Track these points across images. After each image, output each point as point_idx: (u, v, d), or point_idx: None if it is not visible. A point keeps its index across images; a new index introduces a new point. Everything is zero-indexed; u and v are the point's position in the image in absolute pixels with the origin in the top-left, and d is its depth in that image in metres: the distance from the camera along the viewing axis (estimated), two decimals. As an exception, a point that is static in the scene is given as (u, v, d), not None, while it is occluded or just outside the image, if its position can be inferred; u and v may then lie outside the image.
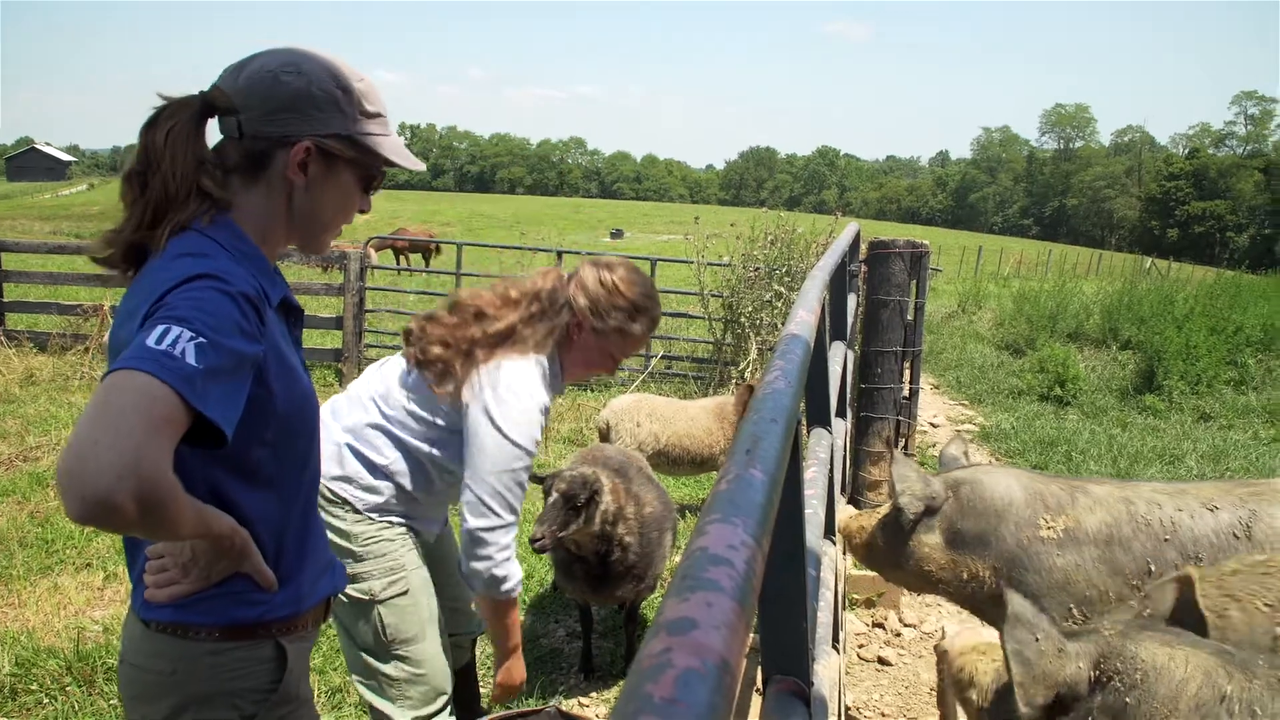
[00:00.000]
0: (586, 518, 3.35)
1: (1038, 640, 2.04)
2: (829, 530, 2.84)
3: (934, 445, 8.38)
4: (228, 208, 1.53)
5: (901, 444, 5.95)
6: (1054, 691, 2.00)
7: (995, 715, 2.23)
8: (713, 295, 9.89)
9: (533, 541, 3.24)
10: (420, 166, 1.79)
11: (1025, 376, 11.17)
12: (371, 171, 1.66)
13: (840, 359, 3.87)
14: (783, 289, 9.18)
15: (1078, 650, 2.05)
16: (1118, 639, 2.08)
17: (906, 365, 5.95)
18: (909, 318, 5.87)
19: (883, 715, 4.01)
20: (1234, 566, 2.63)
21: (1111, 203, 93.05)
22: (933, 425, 9.34)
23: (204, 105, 1.52)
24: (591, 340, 2.48)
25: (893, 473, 2.86)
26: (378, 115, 1.65)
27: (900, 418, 5.94)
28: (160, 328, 1.26)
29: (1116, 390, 10.85)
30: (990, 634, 2.65)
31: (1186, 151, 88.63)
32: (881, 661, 4.42)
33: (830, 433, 2.98)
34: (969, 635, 2.69)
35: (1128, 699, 1.93)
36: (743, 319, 9.46)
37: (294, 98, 1.53)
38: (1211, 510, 2.72)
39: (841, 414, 4.02)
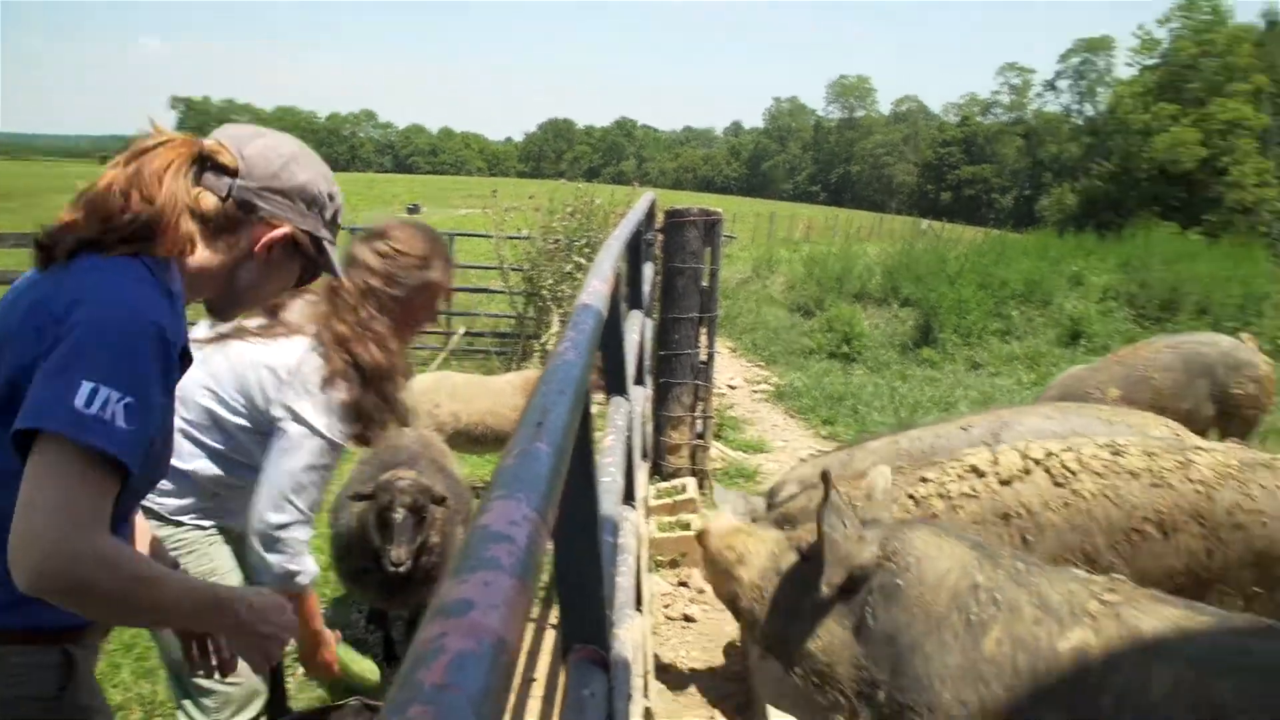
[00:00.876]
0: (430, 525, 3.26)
1: (846, 526, 2.21)
2: (629, 496, 2.90)
3: (731, 406, 8.69)
4: (190, 252, 1.54)
5: (701, 406, 6.14)
6: (848, 573, 2.18)
7: (776, 593, 2.33)
8: (513, 269, 9.82)
9: (395, 566, 3.13)
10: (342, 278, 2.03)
11: (815, 336, 11.77)
12: (312, 273, 1.75)
13: (638, 327, 3.94)
14: (583, 260, 9.23)
15: (872, 536, 2.24)
16: (899, 527, 2.26)
17: (703, 330, 6.13)
18: (704, 284, 6.04)
19: (689, 670, 4.16)
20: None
21: (891, 169, 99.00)
22: (730, 387, 9.69)
23: (202, 154, 1.56)
24: (399, 309, 2.42)
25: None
26: (338, 228, 1.77)
27: (699, 382, 6.13)
28: (88, 387, 1.28)
29: (898, 345, 11.61)
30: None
31: (957, 119, 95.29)
32: (687, 618, 4.58)
33: (629, 400, 3.03)
34: (728, 519, 2.77)
35: (899, 581, 2.11)
36: (544, 292, 9.45)
37: (296, 188, 1.63)
38: (965, 429, 3.02)
39: (641, 381, 4.10)
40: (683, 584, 4.91)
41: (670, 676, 4.10)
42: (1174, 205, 44.65)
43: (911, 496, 2.84)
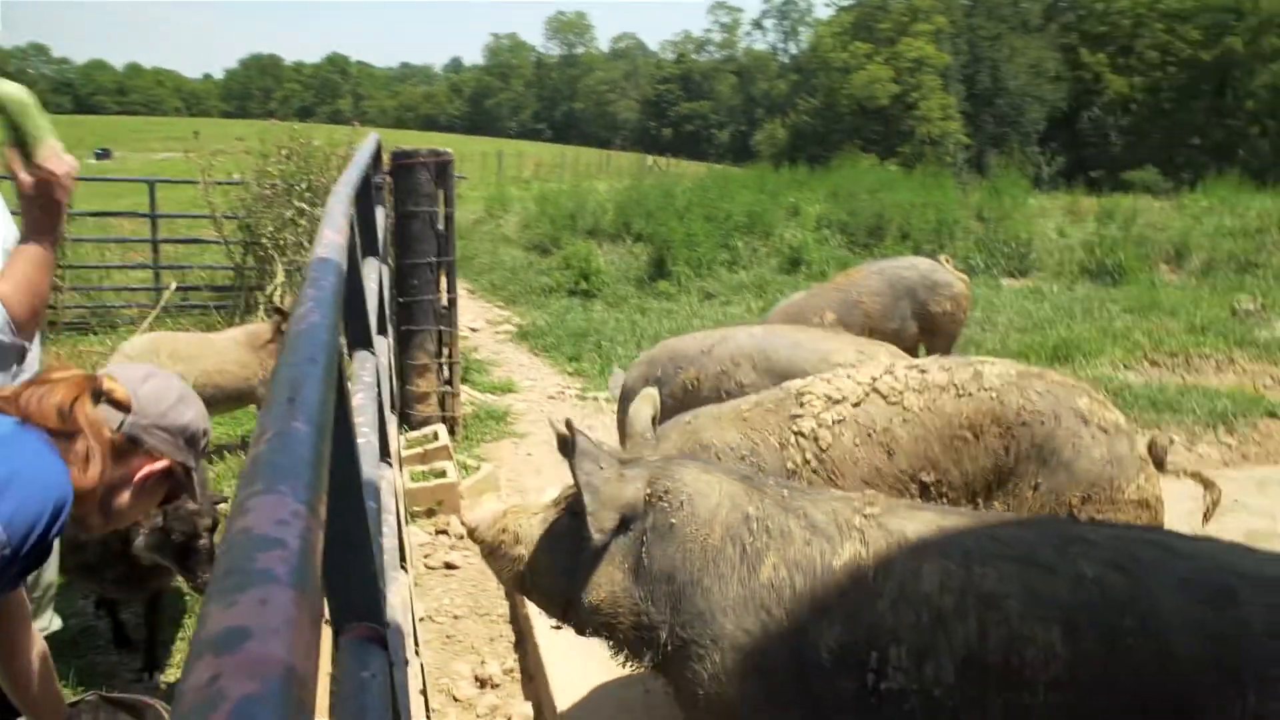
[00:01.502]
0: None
1: (602, 469, 2.19)
2: (384, 453, 2.76)
3: (475, 349, 8.57)
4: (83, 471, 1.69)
5: (446, 351, 5.98)
6: (619, 515, 2.16)
7: (553, 558, 2.29)
8: (227, 217, 9.08)
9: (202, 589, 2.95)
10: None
11: (553, 274, 11.79)
12: (172, 498, 1.92)
13: (375, 276, 3.74)
14: (305, 205, 8.66)
15: (635, 474, 2.23)
16: (665, 464, 2.29)
17: (442, 275, 5.95)
18: (440, 227, 5.84)
19: (455, 617, 4.10)
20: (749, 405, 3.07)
21: (614, 105, 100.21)
22: (472, 330, 9.54)
23: (98, 389, 1.74)
24: None
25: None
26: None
27: (442, 327, 5.96)
28: None
29: (634, 280, 11.88)
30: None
31: (674, 57, 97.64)
32: (449, 566, 4.50)
33: (374, 353, 2.88)
34: (488, 505, 2.71)
35: (673, 519, 2.14)
36: (264, 240, 8.81)
37: (180, 427, 1.81)
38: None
39: (383, 331, 3.91)
40: (441, 532, 4.81)
41: (437, 627, 4.03)
42: (873, 138, 48.49)
43: (799, 433, 2.97)
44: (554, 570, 2.30)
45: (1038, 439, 2.87)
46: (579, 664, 3.43)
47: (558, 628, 2.46)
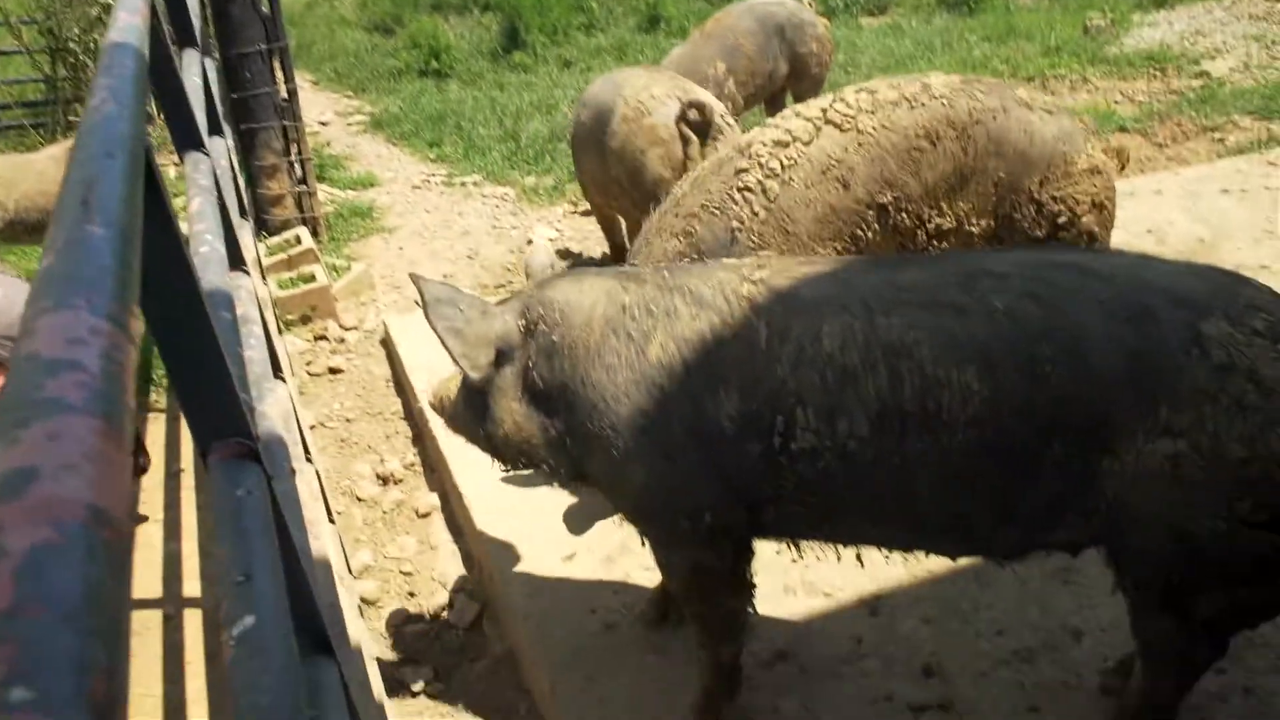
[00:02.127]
0: None
1: (462, 310, 2.13)
2: (236, 261, 2.58)
3: (328, 144, 8.07)
4: None
5: (295, 149, 5.59)
6: (492, 349, 2.13)
7: (468, 410, 2.29)
8: (24, 22, 8.07)
9: None
10: None
11: (401, 55, 11.02)
12: None
13: (197, 69, 3.37)
14: (111, 1, 7.74)
15: (505, 308, 2.18)
16: (535, 290, 2.23)
17: (276, 64, 5.46)
18: (264, 10, 5.30)
19: (347, 420, 4.06)
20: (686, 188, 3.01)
21: None
22: (322, 124, 8.95)
23: None
24: None
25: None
26: None
27: (285, 122, 5.54)
28: None
29: (488, 54, 11.20)
30: None
31: None
32: (333, 371, 4.41)
33: (208, 155, 2.63)
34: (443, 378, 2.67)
35: (554, 336, 2.10)
36: (72, 45, 7.90)
37: None
38: None
39: (218, 131, 3.59)
40: (320, 338, 4.68)
41: (330, 432, 3.98)
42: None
43: (745, 188, 2.95)
44: (470, 420, 2.29)
45: (993, 133, 3.00)
46: (479, 451, 3.46)
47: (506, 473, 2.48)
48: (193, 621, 2.68)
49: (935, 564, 2.72)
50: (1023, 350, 1.79)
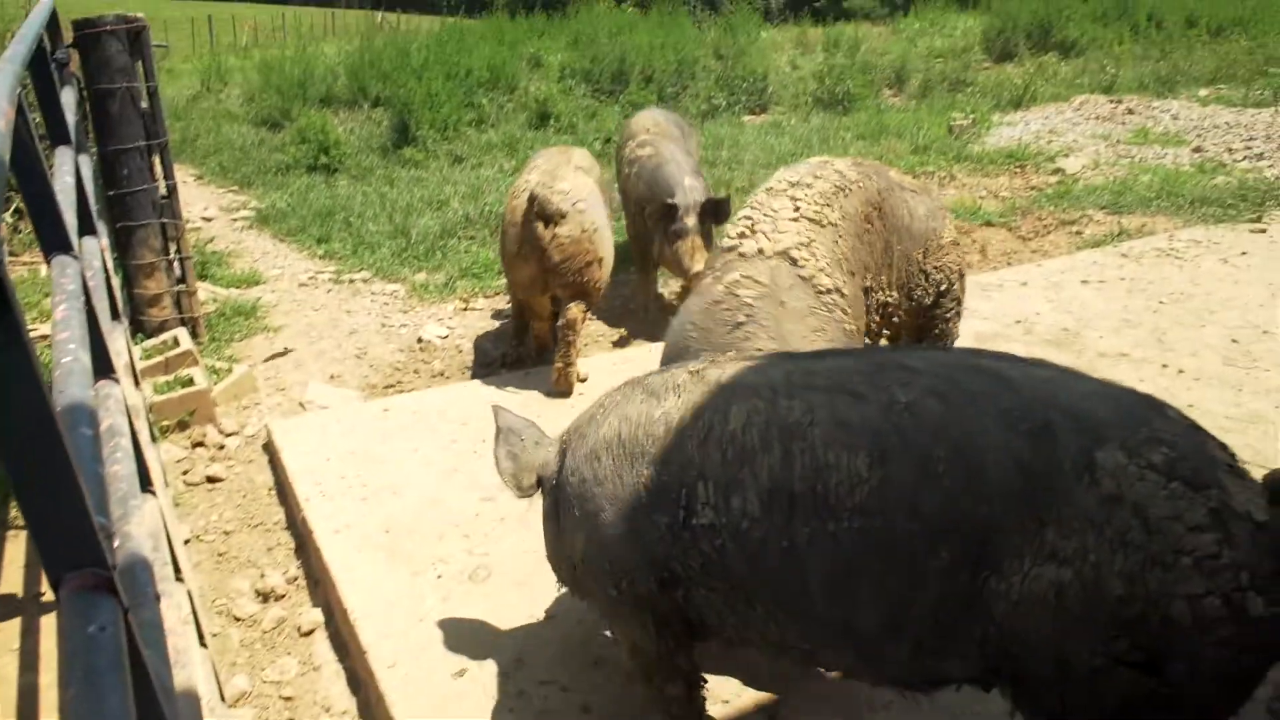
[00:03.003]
0: None
1: (523, 439, 2.46)
2: (105, 370, 2.46)
3: (211, 240, 7.88)
4: None
5: (174, 247, 5.43)
6: (535, 475, 2.40)
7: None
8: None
9: None
10: None
11: (289, 150, 10.93)
12: None
13: (70, 167, 3.26)
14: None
15: (550, 442, 2.45)
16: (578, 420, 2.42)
17: (156, 160, 5.34)
18: (144, 106, 5.20)
19: (225, 532, 3.86)
20: None
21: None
22: (205, 220, 8.74)
23: None
24: None
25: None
26: None
27: (164, 220, 5.39)
28: None
29: (378, 149, 11.20)
30: None
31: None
32: (211, 480, 4.20)
33: (77, 257, 2.52)
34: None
35: (574, 458, 2.32)
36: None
37: None
38: None
39: (90, 230, 3.45)
40: (199, 444, 4.47)
41: (207, 546, 3.78)
42: (607, -21, 47.28)
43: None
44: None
45: (891, 210, 3.35)
46: (364, 562, 3.33)
47: None
48: (48, 762, 2.47)
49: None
50: (916, 446, 1.82)
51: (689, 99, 13.10)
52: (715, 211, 5.26)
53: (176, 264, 5.46)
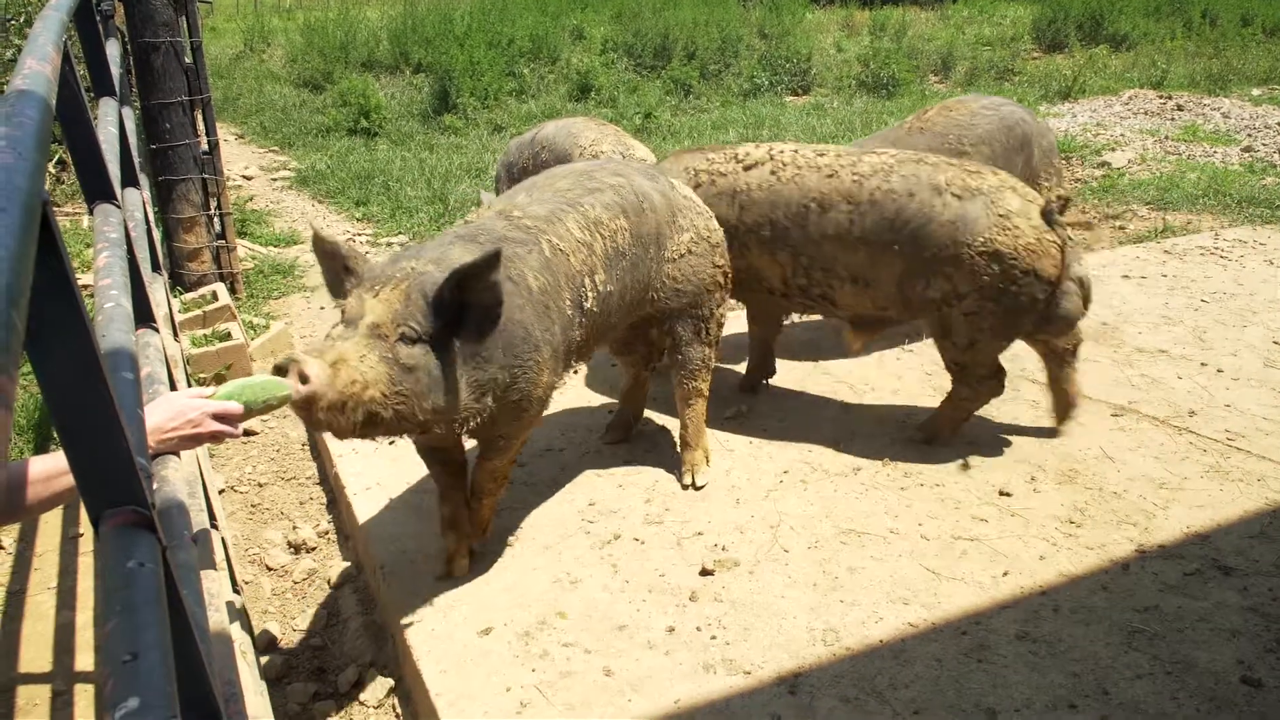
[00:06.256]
0: None
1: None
2: (145, 319, 2.50)
3: (251, 199, 7.95)
4: None
5: (214, 202, 5.49)
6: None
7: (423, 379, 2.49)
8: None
9: None
10: None
11: (330, 112, 10.98)
12: None
13: (114, 118, 3.29)
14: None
15: None
16: None
17: (198, 116, 5.38)
18: (188, 61, 5.23)
19: (259, 485, 3.92)
20: None
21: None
22: (246, 178, 8.83)
23: None
24: None
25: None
26: None
27: (205, 175, 5.44)
28: None
29: (418, 115, 11.23)
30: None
31: None
32: (247, 433, 4.26)
33: (120, 207, 2.55)
34: (309, 356, 2.36)
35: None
36: (-17, 86, 7.68)
37: None
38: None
39: (133, 182, 3.49)
40: (233, 399, 4.52)
41: (241, 497, 3.84)
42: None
43: (688, 168, 3.86)
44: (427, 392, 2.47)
45: (888, 213, 3.47)
46: (393, 520, 3.37)
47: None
48: (84, 698, 2.52)
49: (854, 642, 2.72)
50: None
51: (731, 77, 13.00)
52: None
53: (216, 220, 5.52)
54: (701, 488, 3.51)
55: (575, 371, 3.46)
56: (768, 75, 12.93)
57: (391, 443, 2.80)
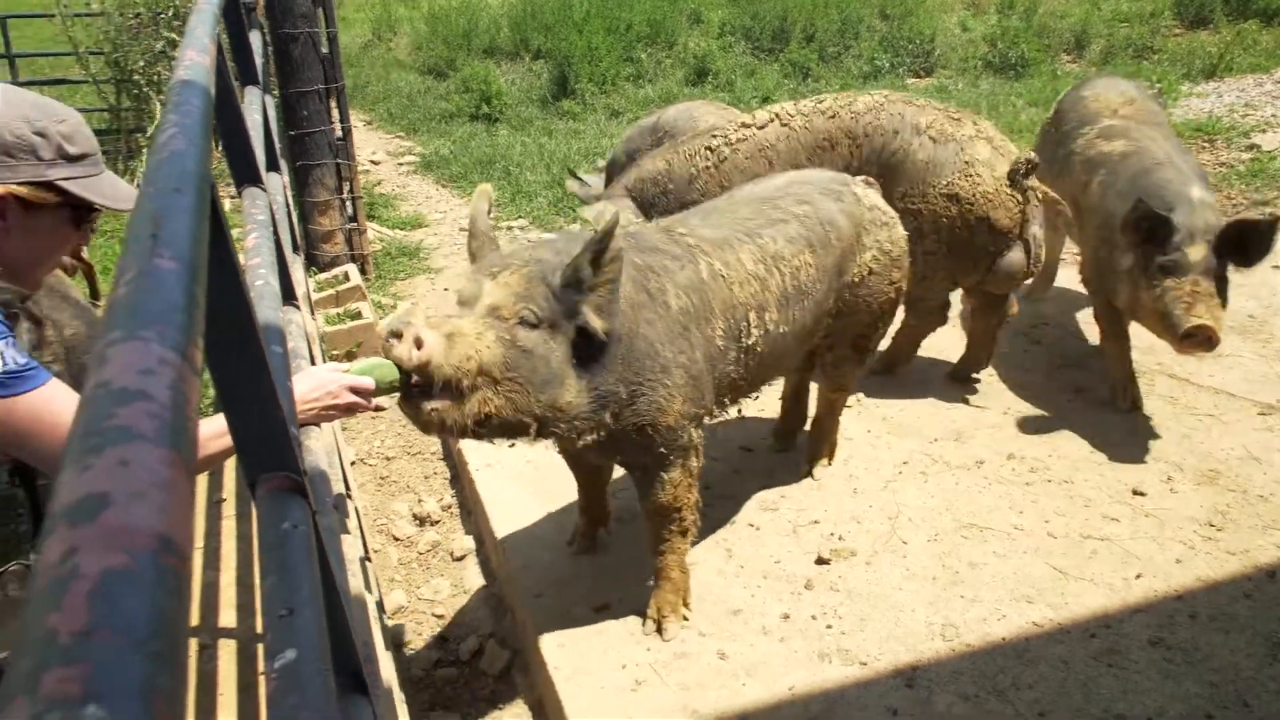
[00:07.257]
0: None
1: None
2: (288, 296, 2.62)
3: (379, 183, 8.22)
4: None
5: (347, 186, 5.70)
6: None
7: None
8: (92, 53, 8.33)
9: None
10: (130, 206, 1.62)
11: (453, 99, 11.24)
12: (81, 211, 1.64)
13: (258, 106, 3.46)
14: (175, 36, 7.97)
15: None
16: None
17: (333, 104, 5.59)
18: (324, 51, 5.44)
19: (387, 458, 4.07)
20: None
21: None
22: (373, 163, 9.12)
23: None
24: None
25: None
26: (83, 156, 1.62)
27: (339, 160, 5.65)
28: None
29: (537, 100, 11.39)
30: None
31: None
32: (376, 408, 4.42)
33: (265, 190, 2.68)
34: (420, 327, 2.36)
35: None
36: (137, 76, 8.14)
37: None
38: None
39: (275, 167, 3.67)
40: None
41: (370, 469, 4.00)
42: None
43: (708, 148, 3.96)
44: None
45: (875, 146, 3.77)
46: (513, 496, 3.45)
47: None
48: (227, 652, 2.67)
49: (974, 638, 2.66)
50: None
51: (851, 59, 12.74)
52: (1243, 243, 3.44)
53: (348, 203, 5.73)
54: (818, 478, 3.48)
55: (740, 412, 3.53)
56: (889, 57, 12.61)
57: (512, 445, 2.84)
